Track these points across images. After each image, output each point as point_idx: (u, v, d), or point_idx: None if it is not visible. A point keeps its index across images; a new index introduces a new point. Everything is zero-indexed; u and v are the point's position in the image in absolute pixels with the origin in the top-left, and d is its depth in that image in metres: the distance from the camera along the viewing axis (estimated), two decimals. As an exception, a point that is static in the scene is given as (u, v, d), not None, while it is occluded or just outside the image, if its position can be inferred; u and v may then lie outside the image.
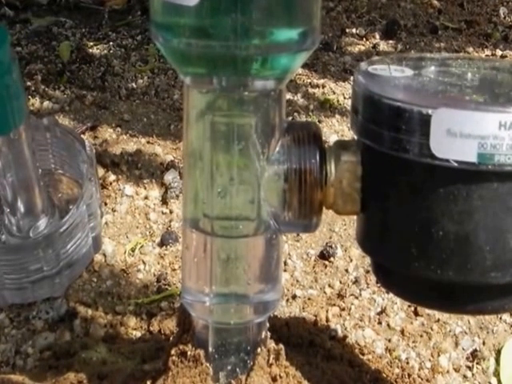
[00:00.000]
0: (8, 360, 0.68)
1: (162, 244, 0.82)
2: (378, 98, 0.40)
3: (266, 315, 0.47)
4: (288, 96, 1.12)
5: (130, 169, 0.94)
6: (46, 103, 1.11)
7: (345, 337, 0.69)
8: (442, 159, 0.39)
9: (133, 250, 0.82)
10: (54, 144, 0.77)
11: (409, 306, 0.73)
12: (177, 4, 0.39)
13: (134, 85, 1.17)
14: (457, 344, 0.70)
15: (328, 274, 0.78)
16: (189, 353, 0.47)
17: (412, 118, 0.39)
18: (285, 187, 0.43)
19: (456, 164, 0.38)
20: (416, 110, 0.39)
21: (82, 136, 0.95)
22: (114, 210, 0.87)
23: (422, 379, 0.65)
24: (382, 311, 0.73)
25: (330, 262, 0.80)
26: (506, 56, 1.32)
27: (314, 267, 0.79)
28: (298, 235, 0.83)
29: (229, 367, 0.48)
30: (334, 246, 0.81)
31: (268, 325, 0.49)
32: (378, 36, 1.38)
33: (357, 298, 0.75)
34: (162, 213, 0.87)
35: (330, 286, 0.77)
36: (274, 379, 0.48)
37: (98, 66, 1.23)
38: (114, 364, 0.62)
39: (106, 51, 1.29)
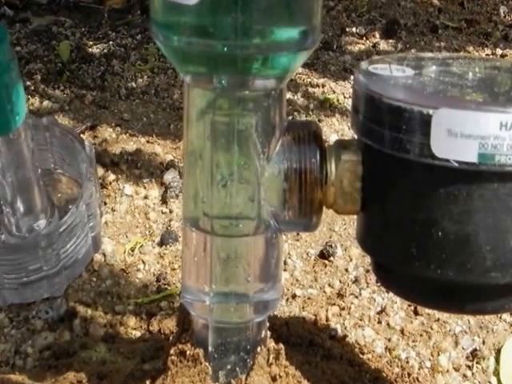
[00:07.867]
0: (8, 360, 0.68)
1: (161, 243, 0.82)
2: (378, 98, 0.40)
3: (266, 314, 0.47)
4: (288, 95, 1.12)
5: (129, 168, 0.94)
6: (46, 103, 1.11)
7: (344, 336, 0.69)
8: (442, 159, 0.38)
9: (132, 249, 0.82)
10: (53, 144, 0.77)
11: (409, 306, 0.73)
12: (177, 3, 0.38)
13: (133, 84, 1.17)
14: (457, 343, 0.70)
15: (328, 273, 0.78)
16: (188, 352, 0.47)
17: (413, 118, 0.39)
18: (285, 186, 0.43)
19: (456, 164, 0.38)
20: (417, 109, 0.39)
21: (81, 135, 0.95)
22: (113, 210, 0.87)
23: (421, 378, 0.65)
24: (382, 310, 0.73)
25: (329, 261, 0.80)
26: (506, 55, 1.31)
27: (313, 266, 0.79)
28: (297, 234, 0.83)
29: (228, 366, 0.48)
30: (333, 245, 0.81)
31: (268, 324, 0.49)
32: (378, 35, 1.38)
33: (357, 297, 0.75)
34: (162, 212, 0.87)
35: (329, 285, 0.77)
36: (273, 379, 0.48)
37: (97, 66, 1.23)
38: (113, 364, 0.62)
39: (105, 50, 1.28)
